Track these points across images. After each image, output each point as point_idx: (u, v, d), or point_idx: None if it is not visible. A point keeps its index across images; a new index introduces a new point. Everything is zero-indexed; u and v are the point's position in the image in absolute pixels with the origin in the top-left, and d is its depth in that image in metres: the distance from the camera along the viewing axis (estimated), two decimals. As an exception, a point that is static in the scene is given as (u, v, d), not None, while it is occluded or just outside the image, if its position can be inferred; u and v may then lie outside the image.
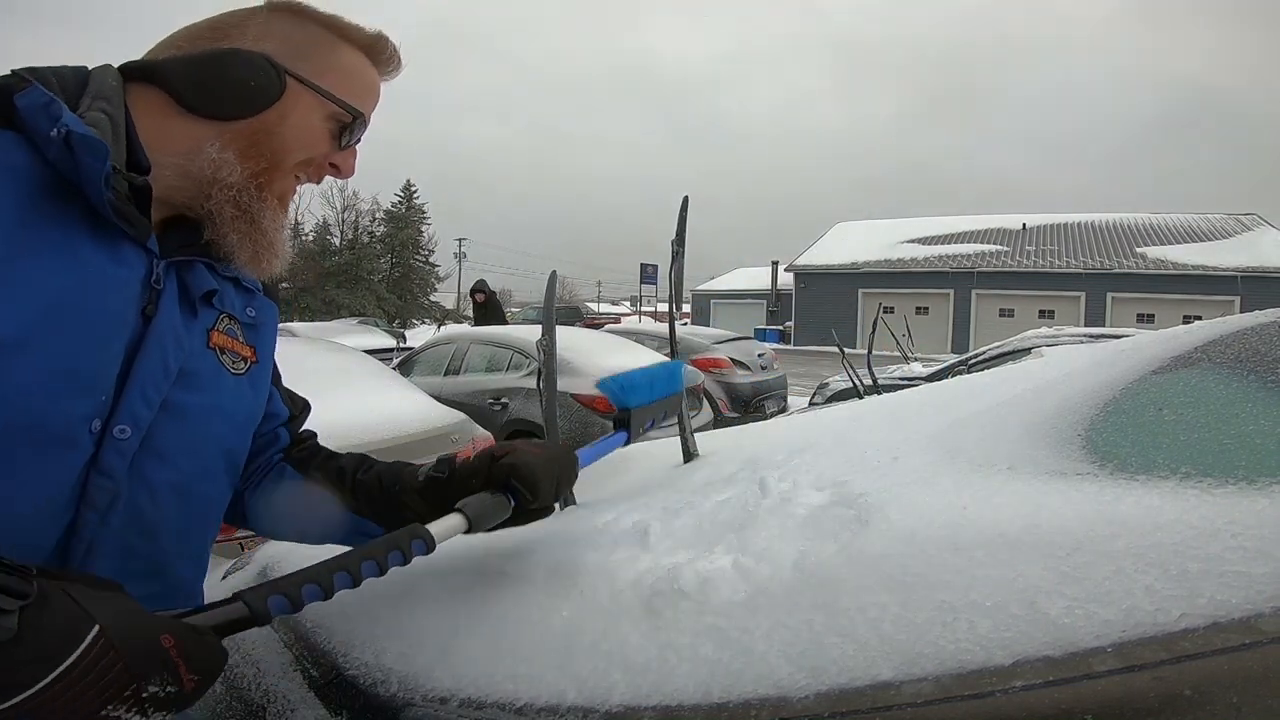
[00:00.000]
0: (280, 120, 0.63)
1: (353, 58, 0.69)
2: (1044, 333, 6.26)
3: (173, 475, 0.61)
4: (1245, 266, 19.47)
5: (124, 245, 0.57)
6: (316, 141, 0.67)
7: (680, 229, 1.41)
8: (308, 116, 0.65)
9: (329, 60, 0.67)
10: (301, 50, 0.65)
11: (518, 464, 0.70)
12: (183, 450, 0.62)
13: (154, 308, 0.59)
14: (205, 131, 0.61)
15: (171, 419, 0.60)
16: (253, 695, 0.85)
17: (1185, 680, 0.46)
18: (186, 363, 0.62)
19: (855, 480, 0.85)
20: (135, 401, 0.57)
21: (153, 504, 0.60)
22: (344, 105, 0.67)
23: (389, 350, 10.12)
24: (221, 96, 0.61)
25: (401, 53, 0.73)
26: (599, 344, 5.30)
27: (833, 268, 24.65)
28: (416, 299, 32.80)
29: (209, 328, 0.66)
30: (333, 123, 0.67)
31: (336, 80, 0.67)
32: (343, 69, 0.68)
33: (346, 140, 0.69)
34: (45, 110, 0.52)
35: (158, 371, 0.58)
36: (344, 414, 2.74)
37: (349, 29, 0.69)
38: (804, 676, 0.57)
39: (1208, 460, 0.66)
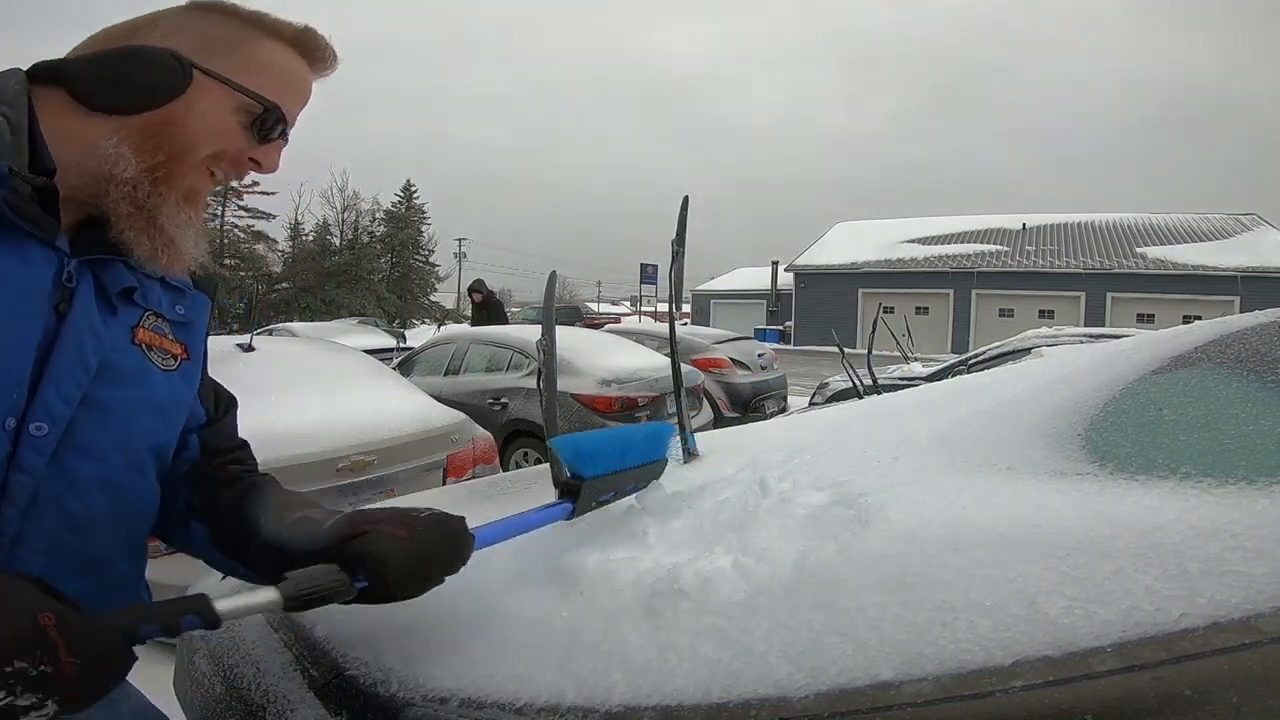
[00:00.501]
0: (183, 113, 0.62)
1: (276, 53, 0.67)
2: (1044, 333, 6.26)
3: (100, 471, 0.61)
4: (1245, 266, 19.47)
5: (30, 246, 0.57)
6: (226, 135, 0.65)
7: (680, 229, 1.41)
8: (215, 110, 0.64)
9: (247, 55, 0.65)
10: (215, 45, 0.64)
11: (371, 551, 0.59)
12: (110, 446, 0.62)
13: (67, 305, 0.59)
14: (104, 127, 0.61)
15: (95, 415, 0.60)
16: (253, 695, 0.85)
17: (1185, 680, 0.46)
18: (109, 359, 0.62)
19: (855, 480, 0.85)
20: (51, 398, 0.57)
21: (79, 500, 0.60)
22: (255, 96, 0.65)
23: (389, 350, 10.12)
24: (118, 91, 0.60)
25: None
26: (599, 344, 5.30)
27: (833, 268, 24.64)
28: (416, 299, 32.78)
29: (133, 325, 0.66)
30: (245, 115, 0.65)
31: (253, 75, 0.65)
32: (262, 64, 0.66)
33: (265, 134, 0.67)
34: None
35: (74, 368, 0.59)
36: (344, 414, 2.74)
37: (272, 24, 0.67)
38: (804, 676, 0.57)
39: (1208, 460, 0.66)
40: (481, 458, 3.09)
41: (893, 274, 23.82)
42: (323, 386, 2.90)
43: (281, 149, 0.70)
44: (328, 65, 0.72)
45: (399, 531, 0.62)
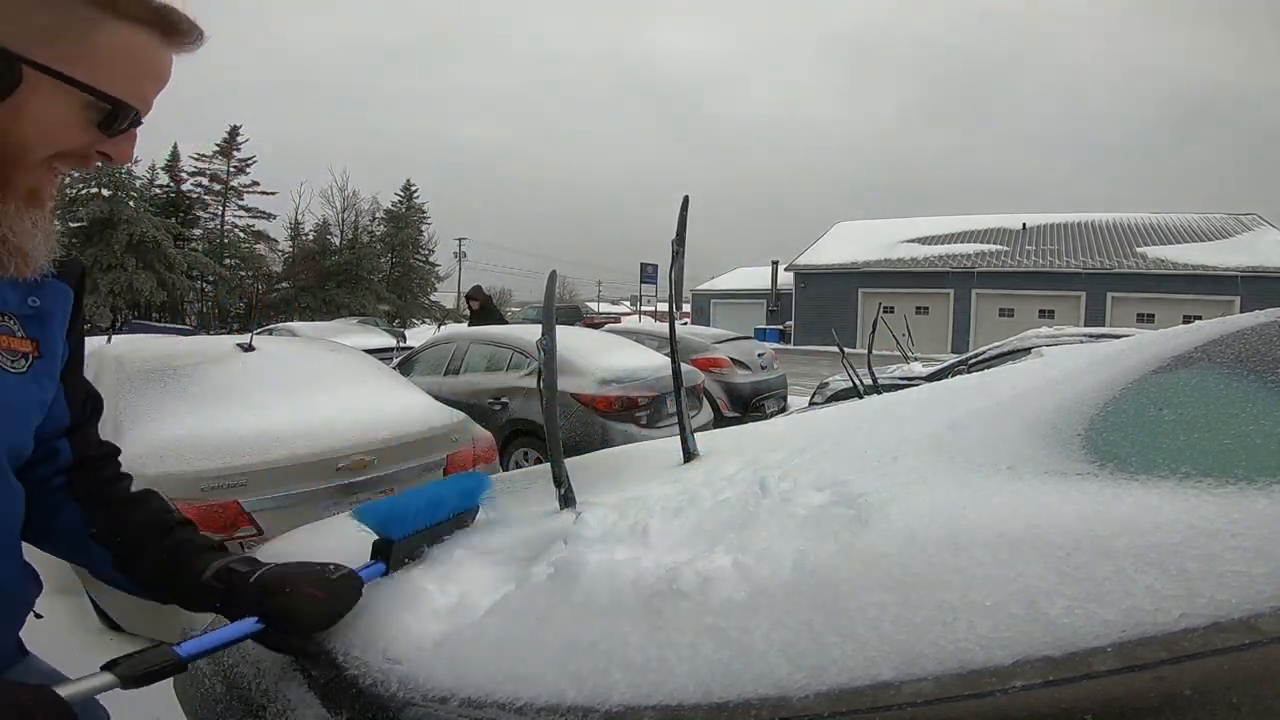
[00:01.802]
0: (13, 116, 0.56)
1: (124, 35, 0.59)
2: (1044, 333, 6.25)
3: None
4: (1245, 266, 19.46)
5: None
6: (68, 134, 0.59)
7: (680, 229, 1.41)
8: (52, 109, 0.57)
9: (86, 41, 0.57)
10: (51, 32, 0.56)
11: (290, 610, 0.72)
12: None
13: None
14: None
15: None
16: (253, 695, 0.85)
17: (1185, 680, 0.46)
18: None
19: (855, 480, 0.85)
20: None
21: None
22: (97, 94, 0.57)
23: (389, 350, 10.12)
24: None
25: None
26: (599, 344, 5.30)
27: (833, 267, 24.62)
28: (416, 299, 32.78)
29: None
30: (90, 111, 0.59)
31: (96, 65, 0.57)
32: (107, 50, 0.58)
33: (115, 127, 0.60)
34: None
35: None
36: (344, 414, 2.74)
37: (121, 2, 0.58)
38: (804, 676, 0.57)
39: (1208, 460, 0.66)
40: (482, 457, 3.09)
41: (893, 274, 23.81)
42: (323, 386, 2.90)
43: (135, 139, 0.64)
44: (193, 41, 0.63)
45: (315, 592, 0.74)
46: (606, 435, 4.38)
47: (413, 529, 0.89)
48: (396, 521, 0.87)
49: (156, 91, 0.63)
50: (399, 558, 0.87)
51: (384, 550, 0.86)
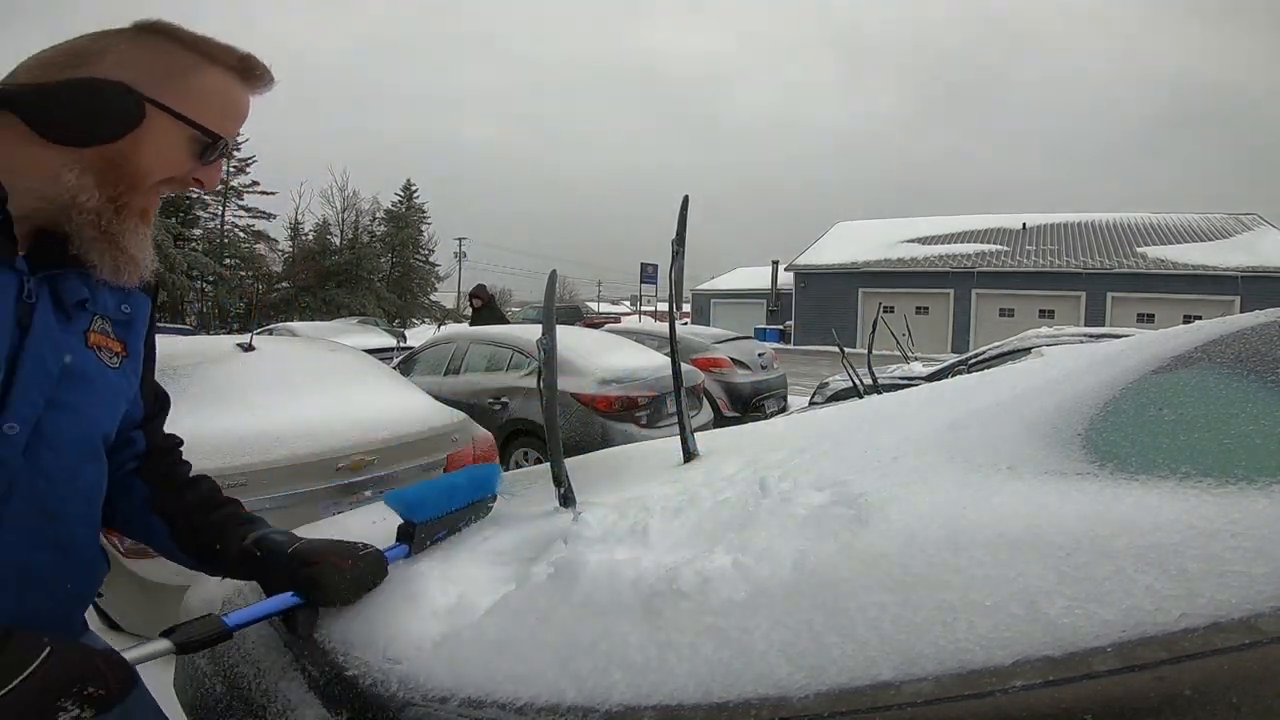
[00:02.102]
0: (137, 145, 0.66)
1: (218, 79, 0.71)
2: (1044, 333, 6.24)
3: (63, 460, 0.69)
4: (1245, 266, 19.44)
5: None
6: (177, 162, 0.70)
7: (680, 229, 1.41)
8: (167, 140, 0.68)
9: (192, 84, 0.69)
10: (163, 76, 0.67)
11: (320, 579, 0.78)
12: (71, 438, 0.69)
13: (29, 319, 0.65)
14: (63, 158, 0.64)
15: (59, 413, 0.68)
16: (253, 695, 0.85)
17: (1185, 680, 0.46)
18: (68, 363, 0.69)
19: (855, 480, 0.85)
20: (20, 402, 0.64)
21: (50, 488, 0.68)
22: (202, 129, 0.69)
23: (389, 350, 10.12)
24: (76, 126, 0.64)
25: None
26: (599, 344, 5.30)
27: (833, 267, 24.60)
28: (416, 298, 32.78)
29: (85, 329, 0.72)
30: (194, 143, 0.70)
31: (197, 103, 0.69)
32: (205, 91, 0.70)
33: (209, 157, 0.72)
34: None
35: (39, 376, 0.66)
36: (344, 413, 2.74)
37: (216, 51, 0.71)
38: (804, 676, 0.57)
39: (1208, 460, 0.66)
40: (482, 457, 3.09)
41: (893, 274, 23.80)
42: (323, 386, 2.90)
43: (221, 167, 0.75)
44: (267, 86, 0.76)
45: (344, 563, 0.81)
46: (606, 435, 4.38)
47: (434, 514, 0.94)
48: (419, 506, 0.92)
49: (239, 127, 0.74)
50: (421, 540, 0.92)
51: (408, 533, 0.91)
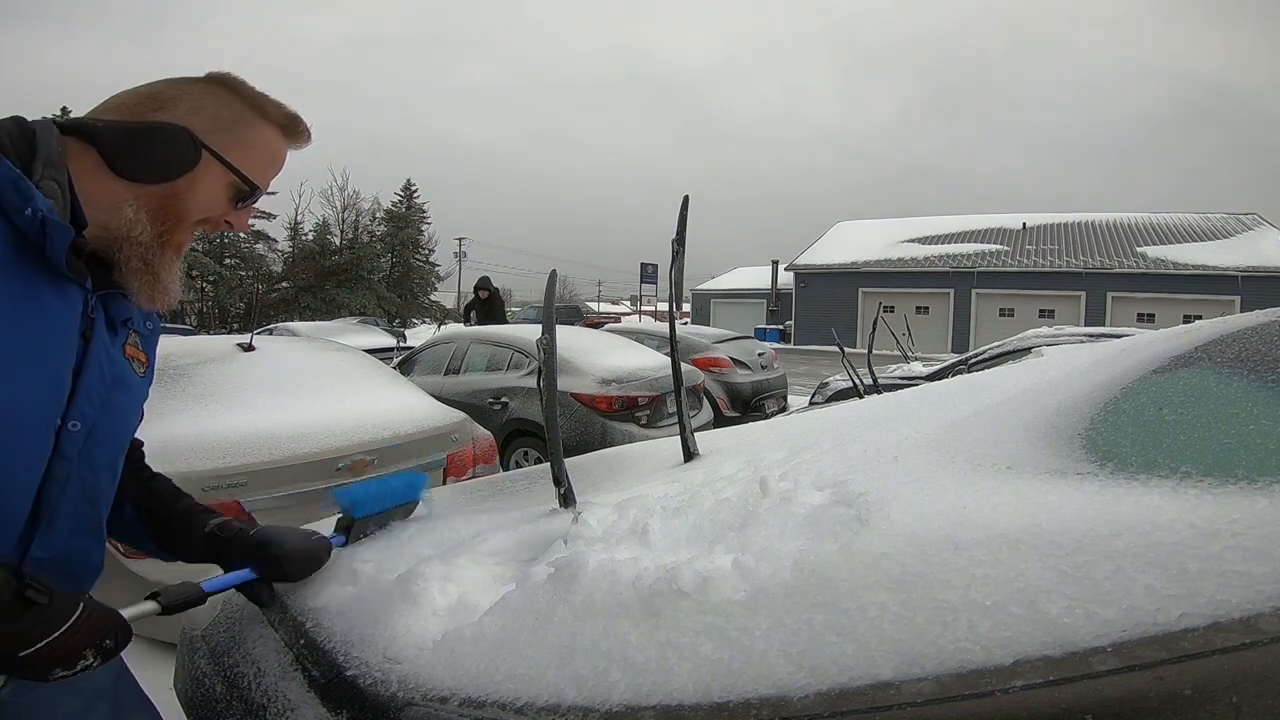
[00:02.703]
0: (189, 187, 0.74)
1: (266, 134, 0.80)
2: (1044, 332, 6.24)
3: (107, 456, 0.78)
4: (1246, 266, 19.43)
5: (69, 287, 0.70)
6: (217, 204, 0.78)
7: (680, 228, 1.41)
8: (213, 184, 0.76)
9: (245, 136, 0.77)
10: (224, 126, 0.76)
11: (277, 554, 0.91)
12: (113, 436, 0.78)
13: (91, 332, 0.74)
14: (126, 192, 0.72)
15: (108, 414, 0.76)
16: (253, 695, 0.85)
17: (1185, 680, 0.46)
18: (116, 371, 0.77)
19: (855, 480, 0.85)
20: (83, 403, 0.73)
21: (95, 478, 0.76)
22: (245, 180, 0.78)
23: (389, 350, 10.12)
24: (146, 165, 0.72)
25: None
26: (599, 343, 5.30)
27: (833, 267, 24.60)
28: (417, 298, 32.75)
29: (124, 342, 0.81)
30: (233, 190, 0.78)
31: (245, 154, 0.77)
32: (254, 144, 0.78)
33: (242, 204, 0.80)
34: (15, 187, 0.64)
35: (98, 381, 0.74)
36: (344, 413, 2.74)
37: (270, 109, 0.80)
38: (804, 676, 0.57)
39: (1208, 460, 0.66)
40: (482, 457, 3.09)
41: (893, 273, 23.80)
42: (323, 386, 2.90)
43: (251, 212, 0.83)
44: (304, 143, 0.85)
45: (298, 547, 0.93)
46: (606, 435, 4.38)
47: (370, 512, 1.08)
48: (361, 504, 1.07)
49: (274, 177, 0.83)
50: (356, 533, 1.06)
51: (346, 526, 1.05)
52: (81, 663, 0.66)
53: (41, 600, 0.64)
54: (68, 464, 0.72)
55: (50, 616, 0.64)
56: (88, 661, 0.66)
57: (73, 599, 0.67)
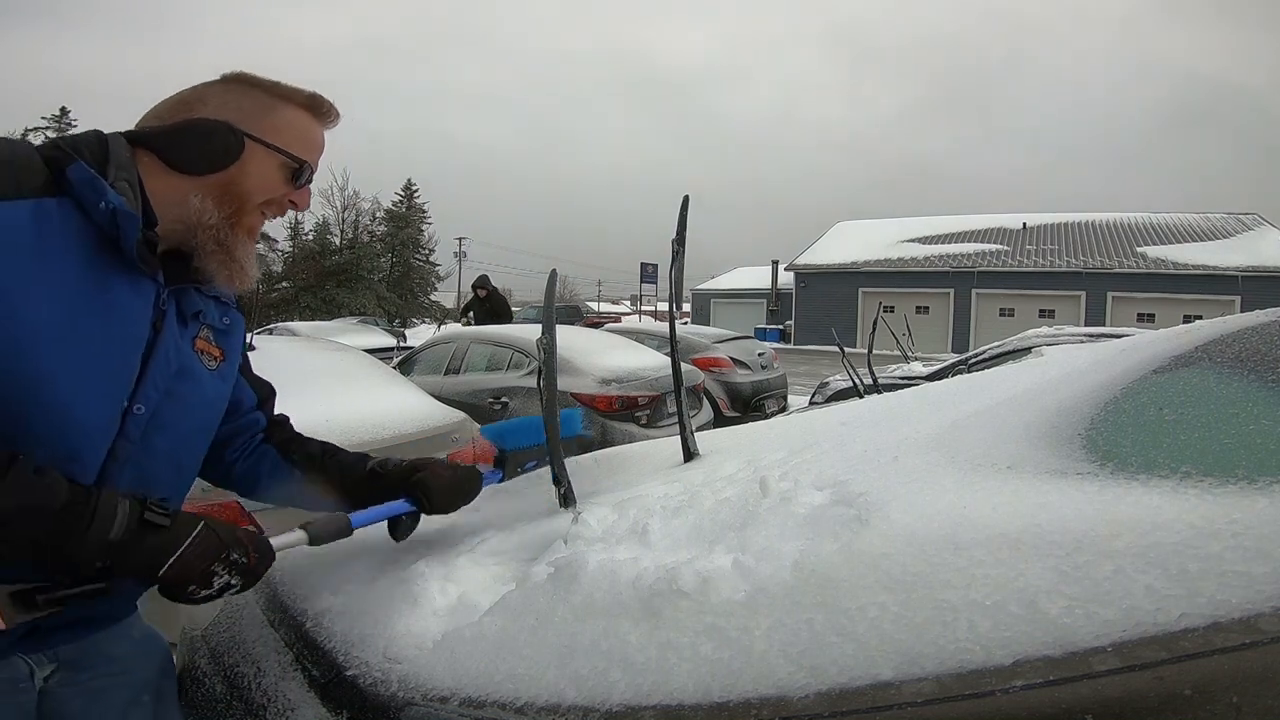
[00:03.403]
0: (242, 171, 0.81)
1: (294, 114, 0.85)
2: (1044, 332, 6.24)
3: (167, 442, 0.82)
4: (1246, 266, 19.43)
5: (141, 280, 0.77)
6: (274, 185, 0.84)
7: (680, 228, 1.41)
8: (263, 167, 0.82)
9: (275, 119, 0.83)
10: (253, 114, 0.82)
11: (426, 481, 0.96)
12: (176, 424, 0.82)
13: (161, 323, 0.79)
14: (188, 186, 0.79)
15: (171, 400, 0.81)
16: (253, 695, 0.85)
17: (1185, 680, 0.46)
18: (182, 362, 0.82)
19: (855, 480, 0.85)
20: (149, 389, 0.78)
21: (151, 462, 0.80)
22: (290, 156, 0.84)
23: (389, 350, 10.11)
24: (197, 158, 0.79)
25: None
26: (599, 343, 5.30)
27: (833, 267, 24.59)
28: (417, 298, 32.73)
29: (195, 335, 0.86)
30: (285, 169, 0.84)
31: (280, 135, 0.83)
32: (288, 126, 0.84)
33: (299, 181, 0.86)
34: (91, 185, 0.71)
35: (164, 369, 0.80)
36: (344, 413, 2.73)
37: (288, 91, 0.86)
38: (804, 676, 0.57)
39: (1208, 460, 0.66)
40: (481, 456, 3.08)
41: (893, 273, 23.80)
42: (323, 386, 2.90)
43: (310, 191, 0.90)
44: (333, 120, 0.90)
45: (445, 474, 0.99)
46: (606, 435, 4.38)
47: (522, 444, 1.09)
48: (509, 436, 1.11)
49: (318, 156, 0.89)
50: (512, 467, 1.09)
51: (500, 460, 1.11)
52: (217, 580, 0.72)
53: (163, 523, 0.70)
54: (130, 446, 0.77)
55: (170, 538, 0.70)
56: (224, 579, 0.72)
57: (193, 519, 0.72)
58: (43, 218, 0.69)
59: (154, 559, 0.69)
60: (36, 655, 0.79)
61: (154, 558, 0.69)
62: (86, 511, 0.67)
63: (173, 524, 0.71)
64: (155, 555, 0.69)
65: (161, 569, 0.69)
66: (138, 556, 0.69)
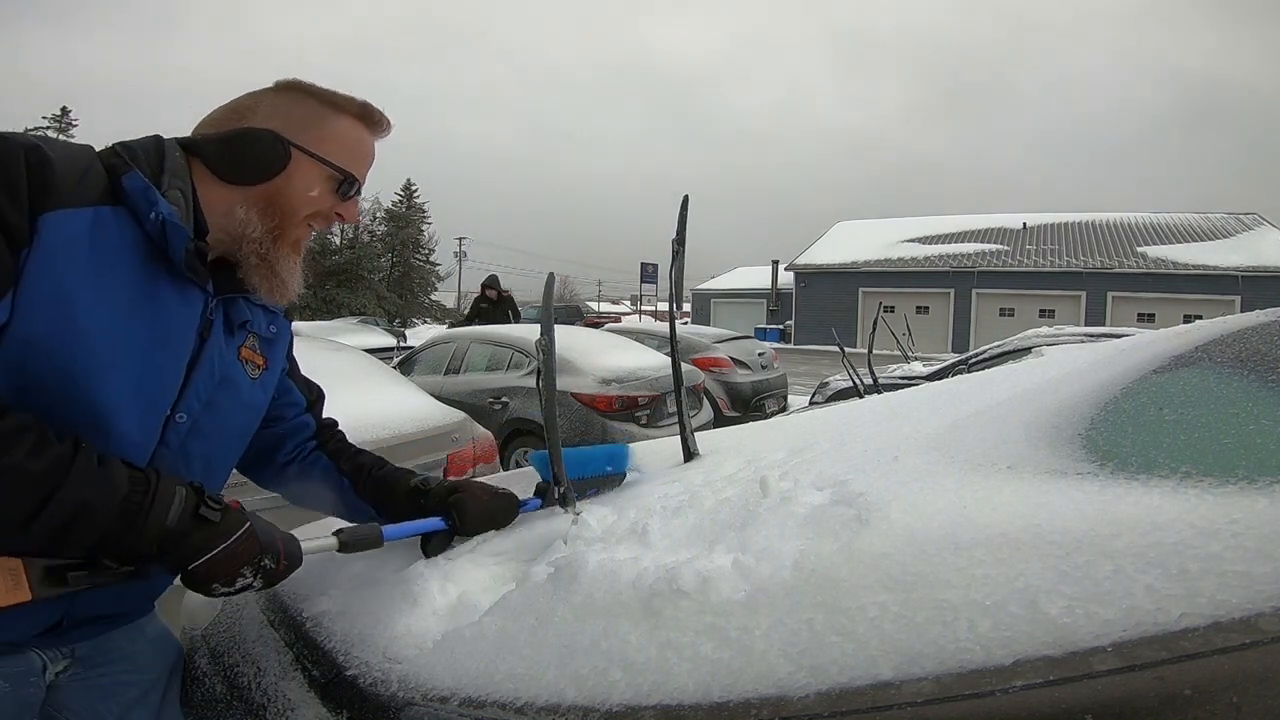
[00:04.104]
0: (287, 184, 0.80)
1: (345, 125, 0.84)
2: (1044, 332, 6.23)
3: (205, 448, 0.82)
4: (1246, 266, 19.43)
5: (191, 290, 0.77)
6: (320, 198, 0.82)
7: (681, 228, 1.41)
8: (309, 179, 0.81)
9: (324, 130, 0.82)
10: (302, 124, 0.81)
11: (463, 502, 0.94)
12: (214, 431, 0.83)
13: (208, 332, 0.80)
14: (235, 196, 0.79)
15: (211, 410, 0.82)
16: (253, 695, 0.85)
17: (1185, 680, 0.46)
18: (225, 371, 0.83)
19: (855, 479, 0.85)
20: (191, 398, 0.79)
21: (187, 468, 0.80)
22: (336, 169, 0.82)
23: (389, 349, 10.11)
24: (244, 167, 0.78)
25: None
26: (599, 343, 5.30)
27: (833, 267, 24.60)
28: (417, 298, 32.74)
29: (240, 345, 0.86)
30: (332, 182, 0.83)
31: (329, 146, 0.81)
32: (337, 137, 0.82)
33: (346, 193, 0.85)
34: (144, 195, 0.72)
35: (208, 379, 0.81)
36: (344, 412, 2.72)
37: (340, 101, 0.84)
38: (804, 675, 0.57)
39: (1208, 460, 0.66)
40: (482, 457, 3.08)
41: (893, 273, 23.80)
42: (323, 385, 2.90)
43: (358, 203, 0.88)
44: (386, 130, 0.89)
45: (483, 496, 0.96)
46: (606, 435, 4.38)
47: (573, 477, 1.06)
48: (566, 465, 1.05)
49: (367, 167, 0.87)
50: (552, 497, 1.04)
51: (543, 490, 1.04)
52: (240, 580, 0.71)
53: (213, 518, 0.70)
54: (169, 453, 0.78)
55: (216, 533, 0.70)
56: (247, 580, 0.72)
57: (240, 519, 0.72)
58: (99, 225, 0.70)
59: (196, 551, 0.69)
60: (52, 651, 0.78)
61: (196, 550, 0.69)
62: (146, 500, 0.67)
63: (221, 520, 0.71)
64: (198, 548, 0.69)
65: (196, 562, 0.69)
66: (183, 547, 0.69)
